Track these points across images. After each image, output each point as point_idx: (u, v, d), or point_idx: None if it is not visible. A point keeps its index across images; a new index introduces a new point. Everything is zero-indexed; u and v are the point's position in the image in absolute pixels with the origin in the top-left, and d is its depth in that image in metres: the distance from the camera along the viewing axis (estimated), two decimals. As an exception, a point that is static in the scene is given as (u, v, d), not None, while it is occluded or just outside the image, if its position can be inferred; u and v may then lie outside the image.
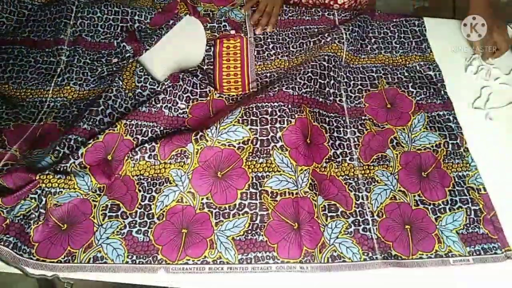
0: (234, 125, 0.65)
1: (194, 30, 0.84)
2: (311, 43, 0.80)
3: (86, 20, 0.80)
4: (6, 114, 0.66)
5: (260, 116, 0.66)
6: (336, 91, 0.75)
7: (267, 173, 0.63)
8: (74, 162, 0.59)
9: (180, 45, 0.82)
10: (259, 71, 0.77)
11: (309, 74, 0.72)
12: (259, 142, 0.65)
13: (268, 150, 0.65)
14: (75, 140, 0.61)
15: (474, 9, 0.81)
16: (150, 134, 0.67)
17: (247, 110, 0.67)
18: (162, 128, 0.68)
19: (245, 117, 0.66)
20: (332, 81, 0.74)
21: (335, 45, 0.77)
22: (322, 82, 0.73)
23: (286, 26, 0.85)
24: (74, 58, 0.75)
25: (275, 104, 0.68)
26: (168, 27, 0.84)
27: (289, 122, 0.66)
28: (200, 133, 0.64)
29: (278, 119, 0.66)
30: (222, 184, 0.62)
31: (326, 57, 0.75)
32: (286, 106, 0.67)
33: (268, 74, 0.77)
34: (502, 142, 0.71)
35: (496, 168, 0.67)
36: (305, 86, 0.70)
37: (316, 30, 0.84)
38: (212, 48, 0.80)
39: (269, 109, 0.67)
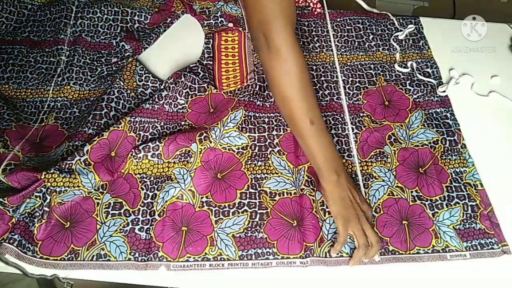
0: (235, 131, 0.67)
1: (192, 27, 0.85)
2: (300, 41, 0.82)
3: (86, 20, 0.80)
4: (8, 115, 0.66)
5: (257, 125, 0.69)
6: (333, 90, 0.76)
7: (266, 175, 0.64)
8: (79, 159, 0.60)
9: (179, 42, 0.82)
10: (255, 62, 0.78)
11: None
12: (257, 148, 0.67)
13: (266, 154, 0.66)
14: (82, 146, 0.61)
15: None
16: (151, 130, 0.67)
17: (246, 119, 0.69)
18: (162, 124, 0.69)
19: (244, 125, 0.68)
20: (325, 84, 0.76)
21: (323, 53, 0.81)
22: (314, 87, 0.76)
23: None
24: (74, 58, 0.76)
25: (272, 114, 0.71)
26: (165, 25, 0.84)
27: (285, 130, 0.69)
28: (205, 134, 0.65)
29: (275, 127, 0.69)
30: (222, 184, 0.63)
31: (314, 67, 0.79)
32: (281, 116, 0.71)
33: None
34: (499, 139, 0.71)
35: (493, 164, 0.68)
36: None
37: (306, 23, 0.86)
38: (211, 41, 0.81)
39: (266, 119, 0.70)
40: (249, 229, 0.59)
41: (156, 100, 0.69)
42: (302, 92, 0.56)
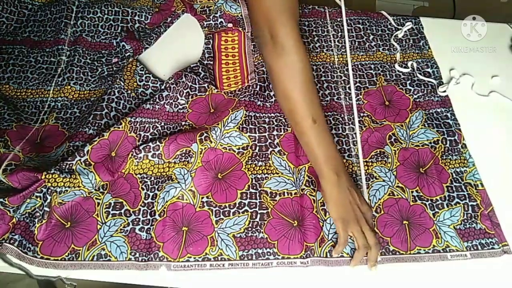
0: (235, 131, 0.67)
1: (192, 27, 0.85)
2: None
3: (87, 20, 0.80)
4: (8, 115, 0.66)
5: (258, 125, 0.69)
6: (333, 90, 0.76)
7: (266, 175, 0.64)
8: (80, 160, 0.60)
9: (179, 42, 0.82)
10: (255, 62, 0.78)
11: None
12: (258, 148, 0.67)
13: (267, 154, 0.66)
14: (82, 146, 0.61)
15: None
16: (151, 130, 0.67)
17: (247, 119, 0.69)
18: (163, 124, 0.69)
19: (244, 125, 0.68)
20: (325, 84, 0.76)
21: (324, 53, 0.81)
22: None
23: None
24: (74, 58, 0.76)
25: (272, 114, 0.71)
26: (166, 25, 0.84)
27: (285, 130, 0.69)
28: (205, 134, 0.65)
29: (275, 127, 0.69)
30: (222, 184, 0.63)
31: (314, 67, 0.79)
32: (282, 116, 0.71)
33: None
34: (499, 139, 0.71)
35: (493, 164, 0.68)
36: None
37: (306, 23, 0.86)
38: (211, 42, 0.81)
39: (267, 119, 0.70)
40: (250, 229, 0.59)
41: (157, 100, 0.69)
42: (305, 89, 0.56)
